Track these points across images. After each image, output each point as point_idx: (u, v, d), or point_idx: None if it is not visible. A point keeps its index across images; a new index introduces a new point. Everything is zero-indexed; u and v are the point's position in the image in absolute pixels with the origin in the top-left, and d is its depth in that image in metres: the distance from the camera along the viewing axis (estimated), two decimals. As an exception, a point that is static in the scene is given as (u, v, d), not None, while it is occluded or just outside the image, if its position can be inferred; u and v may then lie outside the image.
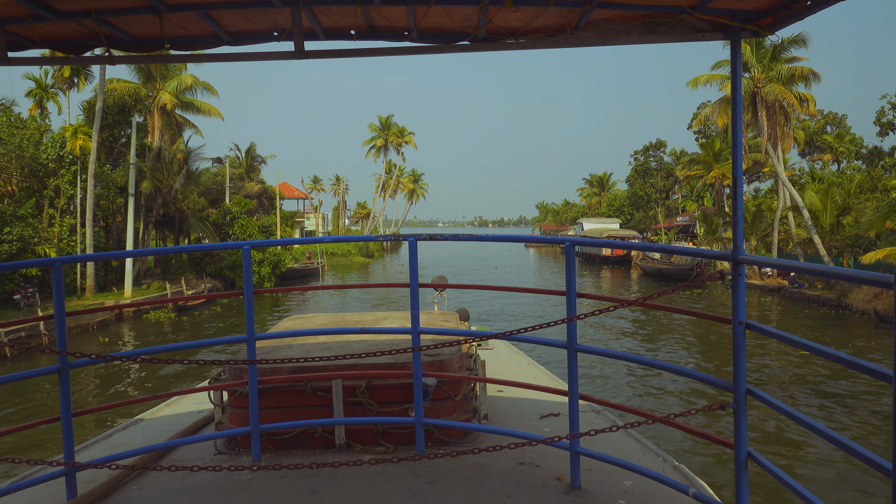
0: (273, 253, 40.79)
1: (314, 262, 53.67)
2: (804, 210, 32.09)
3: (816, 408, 13.45)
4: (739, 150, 3.22)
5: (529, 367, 7.38)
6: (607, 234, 60.68)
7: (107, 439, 5.00)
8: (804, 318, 26.27)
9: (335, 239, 4.30)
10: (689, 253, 3.43)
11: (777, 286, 34.62)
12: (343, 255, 68.77)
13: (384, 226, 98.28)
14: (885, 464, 2.14)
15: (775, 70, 33.78)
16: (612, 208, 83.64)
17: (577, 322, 3.58)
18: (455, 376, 4.19)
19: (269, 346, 4.84)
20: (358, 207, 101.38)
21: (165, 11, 3.37)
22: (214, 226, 41.41)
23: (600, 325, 24.19)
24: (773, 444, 11.06)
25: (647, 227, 71.86)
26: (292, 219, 69.28)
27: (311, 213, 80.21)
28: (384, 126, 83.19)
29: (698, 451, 10.60)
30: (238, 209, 43.22)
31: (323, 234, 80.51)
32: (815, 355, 2.77)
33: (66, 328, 3.60)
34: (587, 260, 66.01)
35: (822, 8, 3.00)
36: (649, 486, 3.69)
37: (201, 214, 40.48)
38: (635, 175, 75.73)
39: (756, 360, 17.61)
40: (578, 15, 3.47)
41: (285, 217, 60.75)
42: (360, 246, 71.88)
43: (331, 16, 3.57)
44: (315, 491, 3.61)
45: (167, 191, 36.84)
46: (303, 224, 75.79)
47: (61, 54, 3.89)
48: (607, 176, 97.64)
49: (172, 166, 37.60)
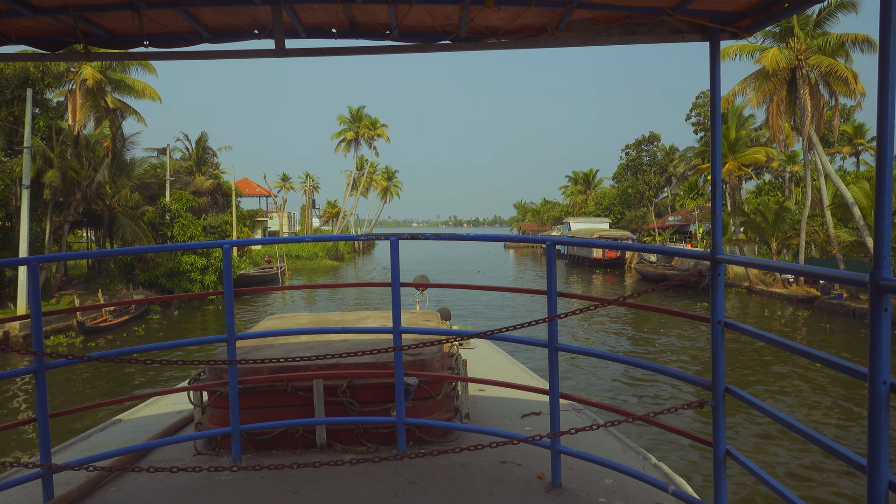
0: (219, 258, 34.33)
1: (274, 267, 47.33)
2: (854, 207, 27.68)
3: (798, 405, 13.63)
4: (718, 149, 3.24)
5: (511, 367, 7.40)
6: (598, 234, 55.93)
7: (84, 440, 4.94)
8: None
9: (316, 238, 4.27)
10: (669, 252, 3.46)
11: (806, 296, 30.00)
12: (309, 257, 62.37)
13: (356, 226, 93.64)
14: (860, 460, 2.17)
15: (820, 40, 29.35)
16: (600, 207, 77.55)
17: (557, 321, 3.60)
18: (436, 375, 4.19)
19: (249, 346, 4.81)
20: (328, 206, 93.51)
21: (144, 8, 3.33)
22: (150, 226, 35.30)
23: (584, 325, 24.31)
24: (754, 441, 11.18)
25: (640, 227, 66.39)
26: (253, 218, 62.89)
27: (275, 211, 74.34)
28: (355, 118, 75.39)
29: (678, 448, 10.69)
30: (178, 206, 36.70)
31: (289, 234, 74.63)
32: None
33: (42, 329, 3.55)
34: (575, 263, 61.73)
35: (799, 10, 3.04)
36: (629, 483, 3.72)
37: (134, 213, 34.14)
38: (622, 172, 71.33)
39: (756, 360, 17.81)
40: (559, 15, 3.49)
41: (244, 216, 54.78)
42: (328, 248, 65.66)
43: (312, 13, 3.55)
44: (296, 491, 3.59)
45: (87, 183, 30.29)
46: (265, 224, 70.53)
47: (38, 50, 3.84)
48: (593, 173, 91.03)
49: (96, 153, 31.46)
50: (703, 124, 55.85)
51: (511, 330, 3.68)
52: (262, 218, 68.61)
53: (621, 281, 45.75)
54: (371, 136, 76.00)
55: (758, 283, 34.77)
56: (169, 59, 3.82)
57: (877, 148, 2.07)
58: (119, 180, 33.36)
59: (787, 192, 48.41)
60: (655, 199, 67.98)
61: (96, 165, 30.92)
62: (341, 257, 68.77)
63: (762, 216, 35.34)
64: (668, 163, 65.70)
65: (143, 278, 33.89)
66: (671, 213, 63.22)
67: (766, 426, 11.74)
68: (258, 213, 67.27)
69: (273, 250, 51.70)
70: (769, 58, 29.81)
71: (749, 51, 31.15)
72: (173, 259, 34.03)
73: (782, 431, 11.33)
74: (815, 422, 12.55)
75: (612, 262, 54.58)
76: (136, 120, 39.71)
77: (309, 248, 62.76)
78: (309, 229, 78.83)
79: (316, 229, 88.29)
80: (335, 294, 35.83)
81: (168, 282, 34.04)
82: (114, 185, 32.93)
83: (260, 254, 53.38)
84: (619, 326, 24.33)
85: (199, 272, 34.24)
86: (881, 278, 2.00)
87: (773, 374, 16.26)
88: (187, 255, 34.12)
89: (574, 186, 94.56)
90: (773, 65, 29.83)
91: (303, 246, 61.17)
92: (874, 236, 2.06)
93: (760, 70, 31.36)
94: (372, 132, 75.74)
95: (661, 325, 24.23)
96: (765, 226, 34.89)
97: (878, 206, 2.03)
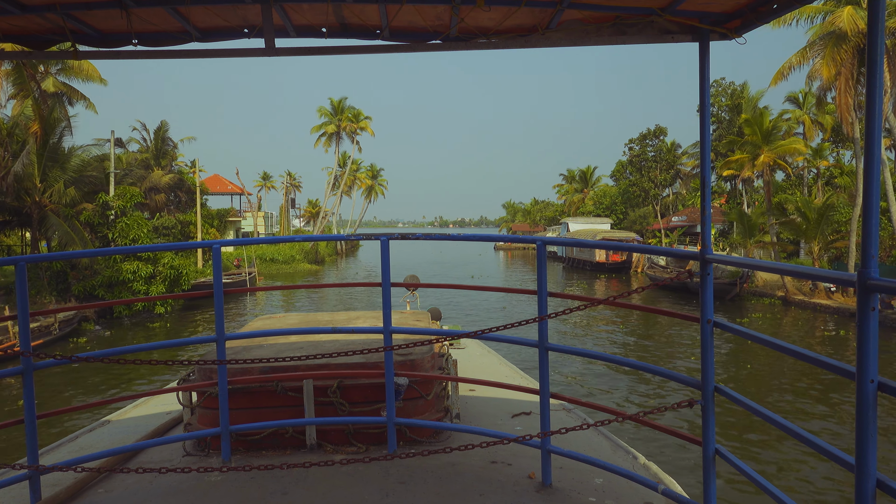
0: (169, 265, 29.89)
1: (242, 272, 41.62)
2: None
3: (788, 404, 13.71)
4: (707, 149, 3.26)
5: (501, 367, 7.40)
6: (601, 236, 51.04)
7: (72, 442, 4.91)
8: None
9: (305, 238, 4.26)
10: (659, 252, 3.48)
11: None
12: (285, 261, 56.39)
13: (339, 226, 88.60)
14: (849, 458, 2.19)
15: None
16: (600, 206, 71.37)
17: (548, 321, 3.60)
18: (427, 375, 4.19)
19: (239, 347, 4.80)
20: (309, 205, 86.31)
21: (133, 6, 3.31)
22: (88, 226, 30.30)
23: (581, 325, 24.36)
24: (744, 440, 11.24)
25: (644, 227, 61.23)
26: (223, 218, 57.19)
27: (250, 211, 67.13)
28: (336, 110, 68.99)
29: (669, 448, 10.73)
30: (121, 203, 30.29)
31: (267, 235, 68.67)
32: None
33: (29, 329, 3.52)
34: (575, 267, 56.85)
35: (788, 11, 3.07)
36: (619, 483, 3.73)
37: (69, 211, 28.99)
38: (621, 169, 65.91)
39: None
40: (550, 15, 3.49)
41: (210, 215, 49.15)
42: (306, 250, 59.93)
43: (302, 13, 3.55)
44: (286, 492, 3.58)
45: (3, 175, 26.10)
46: (238, 225, 64.72)
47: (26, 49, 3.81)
48: (591, 170, 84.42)
49: (14, 138, 27.47)
50: (716, 115, 50.55)
51: (501, 329, 3.68)
52: (234, 218, 63.13)
53: (628, 287, 41.03)
54: (353, 129, 69.88)
55: (795, 292, 29.85)
56: (158, 57, 3.80)
57: (864, 146, 2.09)
58: (52, 172, 28.21)
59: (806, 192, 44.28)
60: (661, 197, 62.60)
61: (16, 153, 26.56)
62: (321, 260, 63.01)
63: (803, 216, 31.17)
64: (674, 159, 61.00)
65: (78, 289, 28.13)
66: (674, 213, 59.72)
67: (757, 425, 11.80)
68: (230, 213, 61.92)
69: (243, 253, 46.01)
70: (844, 17, 25.07)
71: (810, 14, 26.53)
72: (111, 267, 28.95)
73: (772, 430, 11.40)
74: (804, 420, 12.63)
75: (617, 266, 49.96)
76: (86, 106, 35.27)
77: (285, 250, 57.48)
78: (288, 230, 73.39)
79: (296, 230, 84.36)
80: (314, 297, 33.82)
81: (107, 293, 28.32)
82: (46, 178, 28.01)
83: (229, 257, 46.70)
84: (613, 327, 24.35)
85: (144, 282, 28.95)
86: (869, 277, 2.02)
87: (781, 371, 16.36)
88: (129, 262, 29.10)
89: (569, 185, 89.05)
90: (851, 26, 24.91)
91: (279, 248, 56.52)
92: (861, 235, 2.08)
93: (832, 34, 25.95)
94: (354, 125, 69.60)
95: (659, 326, 24.23)
96: (806, 227, 30.89)
97: (865, 204, 2.05)
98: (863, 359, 2.03)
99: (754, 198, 46.40)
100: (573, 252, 57.16)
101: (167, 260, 29.93)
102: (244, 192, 65.83)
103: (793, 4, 2.96)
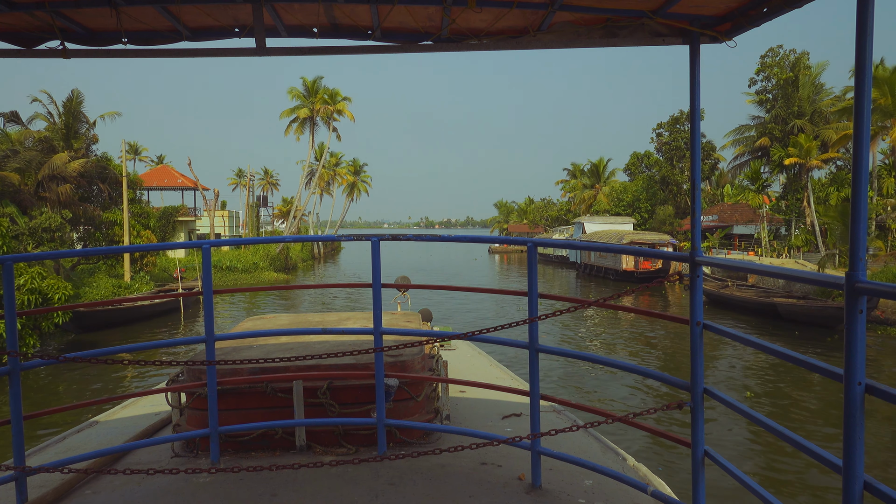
0: (27, 288, 18.22)
1: (177, 286, 30.62)
2: None
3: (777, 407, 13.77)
4: (698, 150, 3.28)
5: (492, 368, 7.40)
6: (628, 239, 41.64)
7: (60, 443, 4.87)
8: None
9: (297, 238, 4.25)
10: (648, 255, 3.48)
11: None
12: (246, 269, 45.37)
13: (317, 227, 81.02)
14: (836, 460, 2.20)
15: None
16: (620, 204, 60.64)
17: (538, 323, 3.61)
18: (417, 377, 4.19)
19: (228, 347, 4.78)
20: (283, 203, 77.60)
21: (123, 5, 3.30)
22: None
23: (567, 326, 24.39)
24: (733, 441, 11.28)
25: (674, 228, 52.08)
26: (171, 217, 49.28)
27: (208, 209, 52.28)
28: (310, 91, 58.33)
29: (658, 449, 10.76)
30: None
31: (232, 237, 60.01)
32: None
33: (16, 329, 3.50)
34: (594, 274, 46.43)
35: (779, 15, 3.08)
36: (609, 484, 3.74)
37: None
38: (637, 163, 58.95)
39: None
40: (541, 17, 3.50)
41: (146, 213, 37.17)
42: (272, 256, 49.76)
43: (293, 13, 3.54)
44: (275, 493, 3.57)
45: None
46: (192, 225, 55.19)
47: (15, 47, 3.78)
48: (603, 163, 72.57)
49: None
50: (766, 92, 43.57)
51: (492, 331, 3.68)
52: (186, 217, 53.97)
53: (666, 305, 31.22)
54: (329, 112, 58.65)
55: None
56: (149, 56, 3.78)
57: (853, 150, 2.10)
58: None
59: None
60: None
61: None
62: (293, 267, 53.91)
63: None
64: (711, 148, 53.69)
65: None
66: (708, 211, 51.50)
67: (746, 427, 11.85)
68: (180, 211, 53.22)
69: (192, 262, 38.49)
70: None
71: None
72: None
73: (761, 432, 11.45)
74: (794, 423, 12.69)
75: (650, 276, 40.11)
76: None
77: (247, 256, 47.05)
78: (256, 231, 62.06)
79: (273, 231, 76.14)
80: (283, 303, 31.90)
81: None
82: None
83: (165, 268, 37.28)
84: (609, 328, 24.44)
85: None
86: (857, 280, 2.03)
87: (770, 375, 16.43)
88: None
89: (576, 180, 78.04)
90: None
91: (238, 255, 46.89)
92: (850, 238, 2.09)
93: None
94: (331, 107, 58.41)
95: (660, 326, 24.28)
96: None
97: (854, 208, 2.06)
98: (850, 361, 2.04)
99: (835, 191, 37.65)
100: (590, 257, 47.22)
101: (24, 280, 18.28)
102: (198, 186, 52.17)
103: (783, 8, 2.98)
